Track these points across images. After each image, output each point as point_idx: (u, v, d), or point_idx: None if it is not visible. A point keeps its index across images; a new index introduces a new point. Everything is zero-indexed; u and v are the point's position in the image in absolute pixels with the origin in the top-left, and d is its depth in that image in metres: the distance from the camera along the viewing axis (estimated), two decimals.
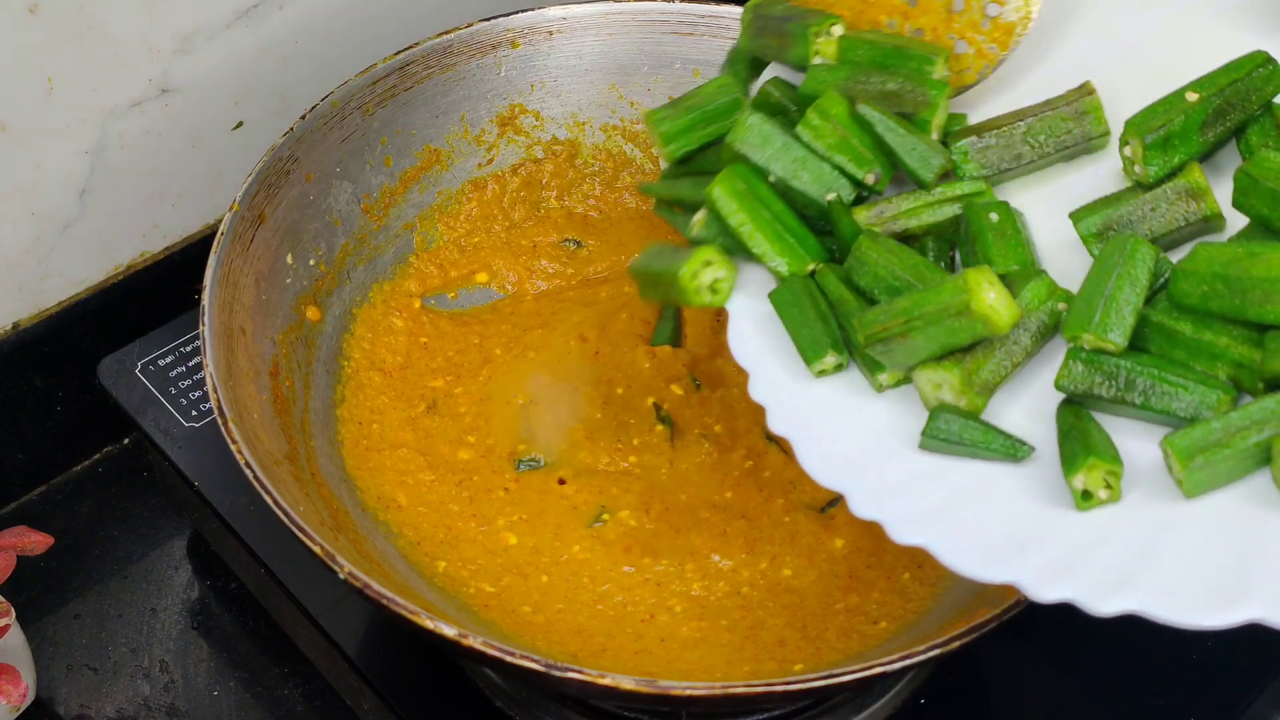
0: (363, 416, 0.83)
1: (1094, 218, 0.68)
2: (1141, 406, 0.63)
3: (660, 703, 0.67)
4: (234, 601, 0.90)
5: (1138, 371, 0.63)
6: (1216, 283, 0.62)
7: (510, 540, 0.79)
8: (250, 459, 0.69)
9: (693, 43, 0.93)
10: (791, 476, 0.81)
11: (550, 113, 0.94)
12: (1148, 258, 0.64)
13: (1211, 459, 0.59)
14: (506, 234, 0.93)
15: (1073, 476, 0.61)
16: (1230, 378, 0.62)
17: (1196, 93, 0.67)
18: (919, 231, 0.70)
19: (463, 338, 0.89)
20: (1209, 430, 0.60)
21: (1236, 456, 0.59)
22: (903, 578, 0.77)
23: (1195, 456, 0.59)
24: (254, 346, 0.78)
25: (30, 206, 0.89)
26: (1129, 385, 0.63)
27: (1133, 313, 0.63)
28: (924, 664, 0.65)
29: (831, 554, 0.78)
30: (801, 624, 0.75)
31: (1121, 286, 0.63)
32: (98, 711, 0.85)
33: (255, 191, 0.81)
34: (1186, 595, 0.57)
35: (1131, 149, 0.68)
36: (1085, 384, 0.63)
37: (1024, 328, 0.65)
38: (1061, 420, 0.64)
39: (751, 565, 0.78)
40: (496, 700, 0.78)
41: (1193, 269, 0.63)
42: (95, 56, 0.88)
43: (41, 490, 0.97)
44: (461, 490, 0.81)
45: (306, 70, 1.00)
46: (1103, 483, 0.61)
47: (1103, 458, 0.61)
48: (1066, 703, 0.82)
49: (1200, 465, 0.59)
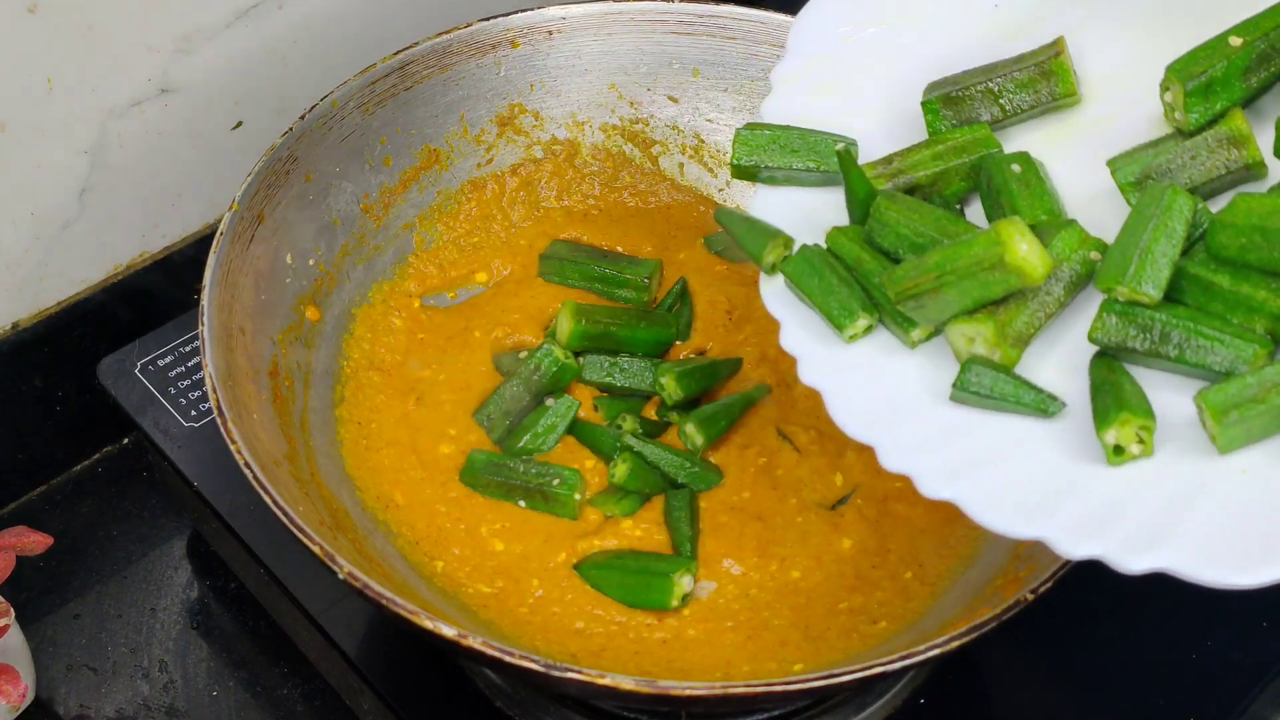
0: (362, 416, 0.83)
1: (1132, 166, 0.67)
2: (1176, 360, 0.62)
3: (660, 703, 0.67)
4: (234, 601, 0.90)
5: (1173, 324, 0.62)
6: (1255, 235, 0.61)
7: (497, 546, 0.79)
8: (250, 459, 0.69)
9: (692, 43, 0.93)
10: (803, 475, 0.81)
11: (550, 113, 0.94)
12: (1185, 208, 0.63)
13: (1246, 414, 0.58)
14: (506, 234, 0.93)
15: (1105, 431, 0.60)
16: (1268, 331, 0.61)
17: (1240, 37, 0.66)
18: (926, 183, 0.70)
19: (451, 325, 0.89)
20: (1244, 385, 0.59)
21: (1272, 412, 0.58)
22: (905, 576, 0.77)
23: (1230, 412, 0.59)
24: (253, 346, 0.78)
25: (30, 206, 0.89)
26: (1164, 338, 0.62)
27: (1169, 264, 0.62)
28: (924, 664, 0.65)
29: (839, 554, 0.78)
30: (805, 624, 0.75)
31: (1158, 238, 0.62)
32: (97, 711, 0.85)
33: (255, 191, 0.81)
34: (1217, 554, 0.56)
35: (1172, 95, 0.67)
36: (1119, 337, 0.62)
37: (1056, 278, 0.64)
38: (1095, 374, 0.63)
39: (762, 568, 0.78)
40: (496, 700, 0.78)
41: (1231, 220, 0.61)
42: (95, 56, 0.88)
43: (41, 490, 0.97)
44: (446, 491, 0.81)
45: (306, 70, 1.00)
46: (1135, 438, 0.60)
47: (1135, 412, 0.60)
48: (1066, 703, 0.82)
49: (1234, 421, 0.58)
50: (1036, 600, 0.66)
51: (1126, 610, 0.85)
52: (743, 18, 0.92)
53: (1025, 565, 0.72)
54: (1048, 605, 0.66)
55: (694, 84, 0.95)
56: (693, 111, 0.95)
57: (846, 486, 0.80)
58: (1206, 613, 0.85)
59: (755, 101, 0.94)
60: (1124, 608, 0.85)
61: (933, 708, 0.80)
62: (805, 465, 0.81)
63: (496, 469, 0.80)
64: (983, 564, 0.76)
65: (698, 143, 0.96)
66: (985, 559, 0.76)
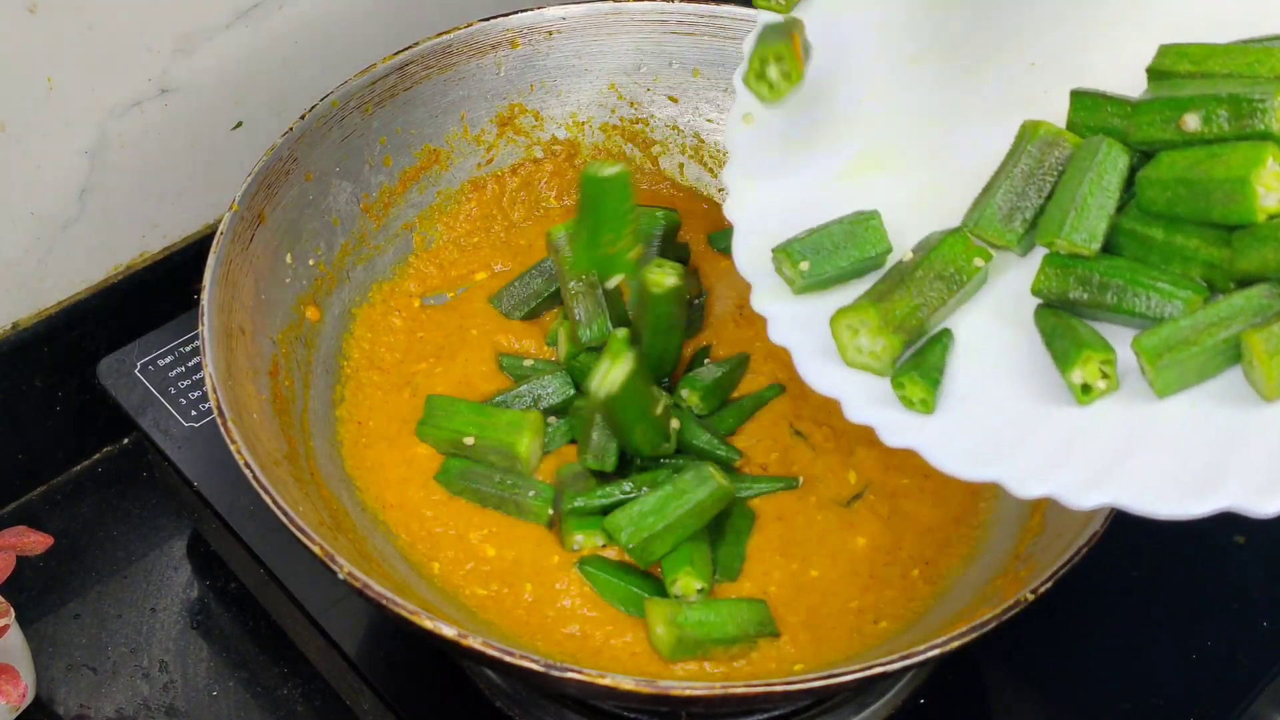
0: (362, 416, 0.83)
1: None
2: (1115, 309, 0.63)
3: (660, 703, 0.67)
4: (233, 601, 0.90)
5: (1111, 274, 0.64)
6: (1179, 187, 0.63)
7: (489, 552, 0.79)
8: (250, 459, 0.69)
9: (692, 43, 0.93)
10: (819, 472, 0.81)
11: (549, 112, 0.94)
12: (1119, 161, 0.65)
13: (1179, 357, 0.60)
14: (506, 234, 0.93)
15: (1070, 372, 0.62)
16: (1204, 278, 0.63)
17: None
18: None
19: (448, 322, 0.89)
20: (1176, 329, 0.61)
21: (1205, 354, 0.60)
22: (913, 574, 0.77)
23: (1163, 355, 0.60)
24: (253, 346, 0.78)
25: (30, 206, 0.89)
26: (1103, 288, 0.64)
27: (1104, 217, 0.64)
28: (924, 664, 0.65)
29: (854, 552, 0.78)
30: (816, 624, 0.75)
31: (1093, 192, 0.64)
32: (97, 711, 0.85)
33: (255, 191, 0.81)
34: (1163, 487, 0.58)
35: None
36: (1060, 289, 0.64)
37: (939, 275, 0.67)
38: (1043, 323, 0.65)
39: (784, 567, 0.78)
40: (496, 700, 0.78)
41: (1156, 176, 0.63)
42: (95, 56, 0.88)
43: (41, 490, 0.97)
44: (431, 493, 0.80)
45: (306, 70, 1.00)
46: (1099, 374, 0.62)
47: (1095, 349, 0.62)
48: (1066, 703, 0.82)
49: (1168, 364, 0.60)
50: (1036, 600, 0.66)
51: (1126, 610, 0.85)
52: (743, 18, 0.92)
53: (1025, 565, 0.72)
54: (1048, 605, 0.66)
55: (694, 84, 0.95)
56: (693, 111, 0.95)
57: (860, 483, 0.80)
58: (1206, 613, 0.85)
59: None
60: (1124, 608, 0.85)
61: (933, 708, 0.80)
62: (821, 461, 0.81)
63: (471, 476, 0.80)
64: (983, 564, 0.76)
65: (698, 143, 0.96)
66: (986, 559, 0.76)
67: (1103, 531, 0.68)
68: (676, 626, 0.72)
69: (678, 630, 0.72)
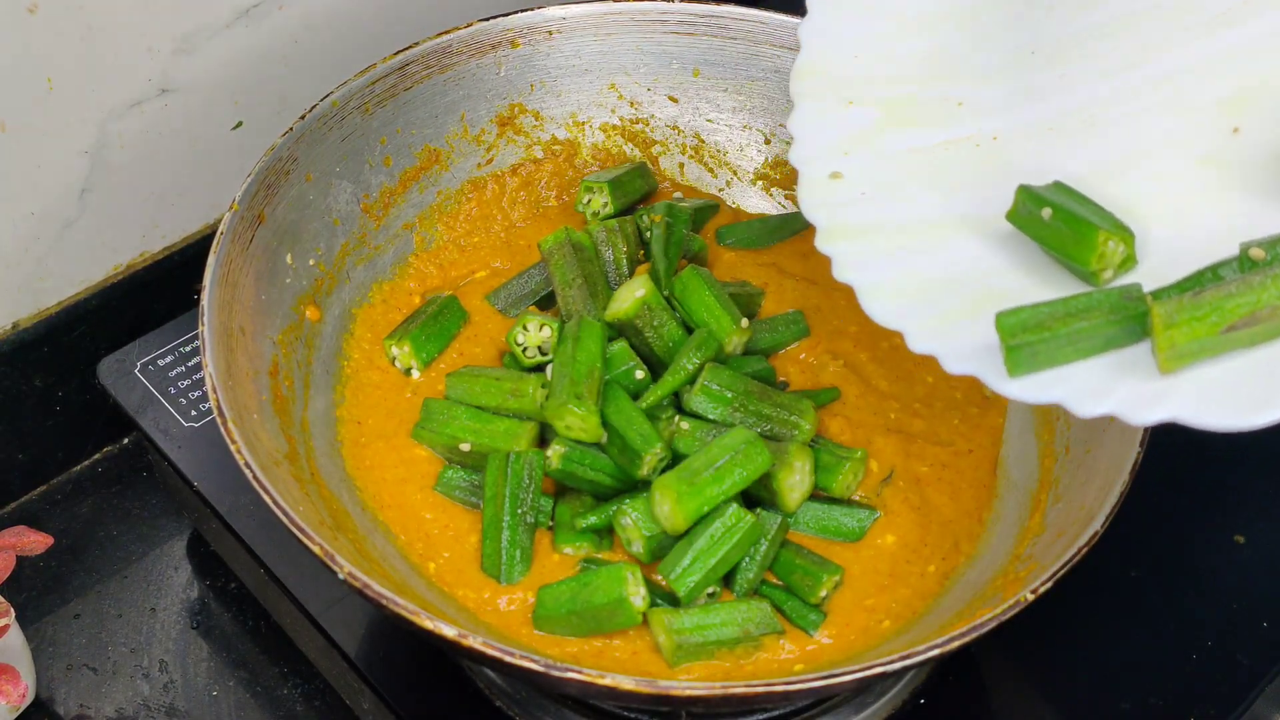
0: (362, 416, 0.83)
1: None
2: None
3: (660, 703, 0.67)
4: (233, 601, 0.90)
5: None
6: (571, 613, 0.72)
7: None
8: (250, 459, 0.69)
9: (692, 43, 0.93)
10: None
11: (549, 112, 0.94)
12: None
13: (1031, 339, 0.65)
14: (506, 234, 0.93)
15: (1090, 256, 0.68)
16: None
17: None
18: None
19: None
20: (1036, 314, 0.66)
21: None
22: (928, 570, 0.77)
23: (1016, 335, 0.65)
24: (253, 346, 0.78)
25: (30, 206, 0.89)
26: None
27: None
28: (924, 664, 0.65)
29: (879, 550, 0.78)
30: (826, 624, 0.75)
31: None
32: (97, 711, 0.85)
33: (255, 191, 0.81)
34: (1222, 400, 0.60)
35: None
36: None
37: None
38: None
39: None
40: (496, 700, 0.78)
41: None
42: (95, 56, 0.88)
43: (41, 490, 0.97)
44: (430, 494, 0.80)
45: (306, 70, 1.00)
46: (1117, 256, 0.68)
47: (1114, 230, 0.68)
48: (1066, 703, 0.82)
49: (1019, 344, 0.65)
50: (1036, 600, 0.66)
51: (1126, 610, 0.85)
52: (743, 18, 0.92)
53: (1025, 565, 0.72)
54: (1048, 605, 0.66)
55: (694, 84, 0.95)
56: (693, 111, 0.95)
57: (882, 472, 0.80)
58: (1206, 613, 0.85)
59: (755, 101, 0.94)
60: (1124, 608, 0.85)
61: (933, 708, 0.80)
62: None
63: (469, 488, 0.79)
64: (983, 564, 0.76)
65: (698, 143, 0.96)
66: (986, 559, 0.76)
67: (1103, 531, 0.68)
68: (674, 633, 0.72)
69: (676, 637, 0.72)
